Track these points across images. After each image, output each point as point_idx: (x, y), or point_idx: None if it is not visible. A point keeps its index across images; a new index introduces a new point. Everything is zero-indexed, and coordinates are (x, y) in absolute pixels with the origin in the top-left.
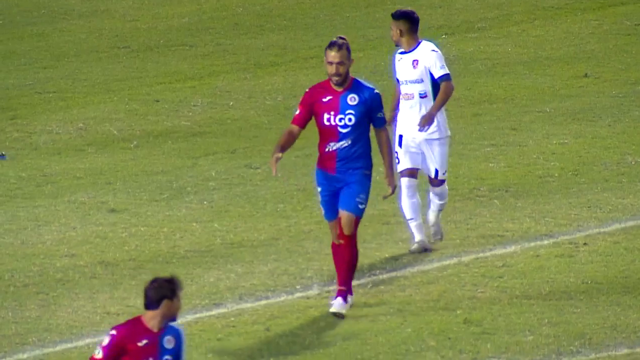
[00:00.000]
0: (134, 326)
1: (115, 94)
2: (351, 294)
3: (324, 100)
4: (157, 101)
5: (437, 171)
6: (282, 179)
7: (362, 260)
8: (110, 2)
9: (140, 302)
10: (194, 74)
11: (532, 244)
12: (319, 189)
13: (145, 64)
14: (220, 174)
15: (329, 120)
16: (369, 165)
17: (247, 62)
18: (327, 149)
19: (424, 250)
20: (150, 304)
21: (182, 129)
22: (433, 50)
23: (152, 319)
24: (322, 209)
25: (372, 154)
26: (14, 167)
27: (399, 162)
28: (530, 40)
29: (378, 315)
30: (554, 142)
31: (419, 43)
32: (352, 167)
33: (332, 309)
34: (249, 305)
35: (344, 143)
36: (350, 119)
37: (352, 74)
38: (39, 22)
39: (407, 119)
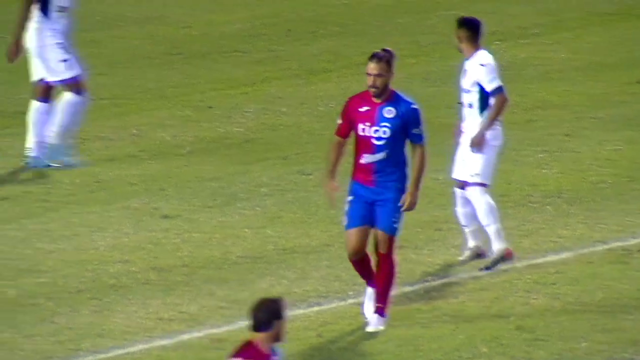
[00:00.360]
0: (253, 350)
1: (168, 101)
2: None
3: (361, 110)
4: (210, 107)
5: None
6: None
7: (415, 266)
8: (164, 8)
9: (193, 308)
10: (247, 81)
11: (586, 250)
12: (351, 198)
13: (198, 71)
14: (272, 180)
15: (364, 130)
16: (404, 179)
17: (299, 69)
18: (362, 161)
19: (477, 256)
20: (261, 327)
21: (234, 136)
22: (482, 65)
23: (264, 341)
24: (345, 219)
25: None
26: (67, 174)
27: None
28: (583, 47)
29: (431, 322)
30: (608, 148)
31: (475, 52)
32: (388, 179)
33: (369, 328)
34: (301, 311)
35: (378, 156)
36: (385, 132)
37: (404, 80)
38: (93, 28)
39: (464, 127)
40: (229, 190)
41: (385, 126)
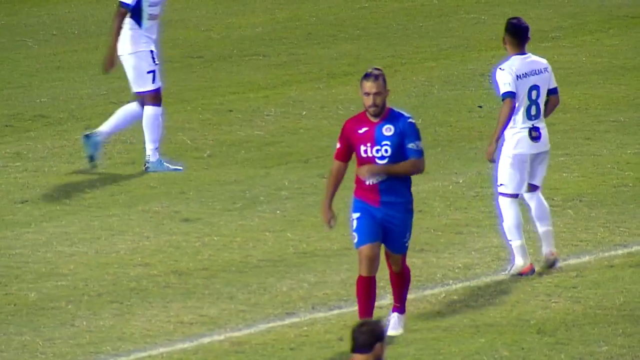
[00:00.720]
0: None
1: (188, 104)
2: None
3: (360, 131)
4: (231, 111)
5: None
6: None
7: (435, 270)
8: (184, 12)
9: (213, 311)
10: (267, 84)
11: (606, 254)
12: (357, 214)
13: (218, 74)
14: (292, 184)
15: (365, 152)
16: (410, 198)
17: (320, 72)
18: (367, 182)
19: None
20: (362, 348)
21: (255, 139)
22: (499, 68)
23: None
24: (355, 235)
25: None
26: (88, 177)
27: None
28: (604, 50)
29: (451, 325)
30: (629, 151)
31: (510, 57)
32: (395, 201)
33: (390, 332)
34: (321, 314)
35: (382, 175)
36: (386, 150)
37: (424, 84)
38: None
39: None
40: (250, 194)
41: (386, 144)
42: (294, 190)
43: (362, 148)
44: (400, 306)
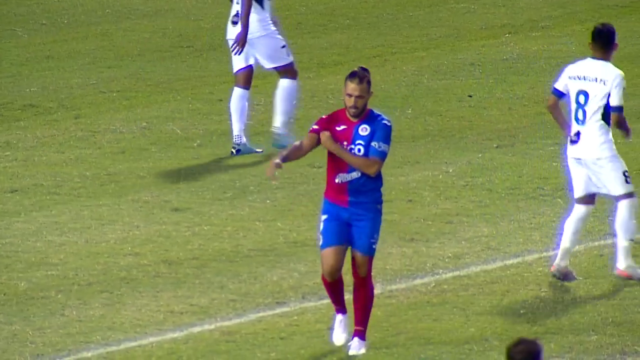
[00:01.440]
0: None
1: (178, 93)
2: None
3: (338, 129)
4: (220, 100)
5: None
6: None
7: (425, 259)
8: (174, 1)
9: (204, 300)
10: (257, 73)
11: (596, 243)
12: (325, 216)
13: (208, 63)
14: (283, 173)
15: None
16: (380, 199)
17: (310, 62)
18: (337, 181)
19: None
20: None
21: (245, 128)
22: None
23: None
24: (320, 238)
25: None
26: (78, 167)
27: None
28: None
29: (441, 315)
30: (618, 141)
31: (584, 58)
32: (363, 201)
33: (351, 352)
34: (312, 304)
35: (353, 174)
36: (359, 150)
37: (415, 73)
38: (103, 21)
39: None
40: (240, 183)
41: (359, 144)
42: (285, 179)
43: None
44: (362, 330)
